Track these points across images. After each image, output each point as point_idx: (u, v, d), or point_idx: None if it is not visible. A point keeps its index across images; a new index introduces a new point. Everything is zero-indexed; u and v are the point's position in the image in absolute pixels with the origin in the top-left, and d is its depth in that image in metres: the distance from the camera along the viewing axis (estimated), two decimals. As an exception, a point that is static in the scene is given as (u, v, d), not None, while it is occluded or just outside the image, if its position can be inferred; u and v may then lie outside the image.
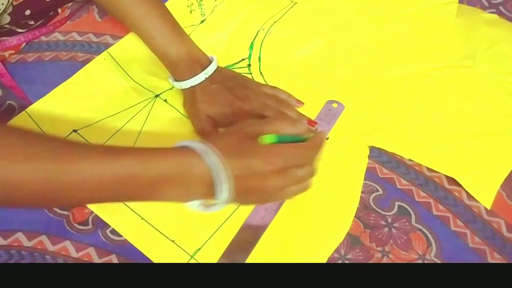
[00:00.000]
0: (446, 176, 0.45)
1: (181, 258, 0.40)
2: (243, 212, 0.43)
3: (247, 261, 0.40)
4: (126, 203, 0.43)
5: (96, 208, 0.43)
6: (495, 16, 0.60)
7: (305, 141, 0.40)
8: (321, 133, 0.41)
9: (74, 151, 0.34)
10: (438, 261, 0.40)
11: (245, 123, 0.40)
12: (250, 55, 0.56)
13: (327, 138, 0.48)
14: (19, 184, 0.31)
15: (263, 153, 0.37)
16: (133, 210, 0.43)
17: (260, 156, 0.36)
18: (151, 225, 0.42)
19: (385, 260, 0.41)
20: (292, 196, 0.39)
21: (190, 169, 0.35)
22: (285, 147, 0.38)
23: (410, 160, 0.47)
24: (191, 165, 0.35)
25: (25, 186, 0.31)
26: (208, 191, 0.36)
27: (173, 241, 0.41)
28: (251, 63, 0.56)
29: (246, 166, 0.36)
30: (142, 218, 0.42)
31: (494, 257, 0.41)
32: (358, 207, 0.43)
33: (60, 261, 0.41)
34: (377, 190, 0.45)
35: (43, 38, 0.58)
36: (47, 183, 0.32)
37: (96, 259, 0.41)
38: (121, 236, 0.42)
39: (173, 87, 0.50)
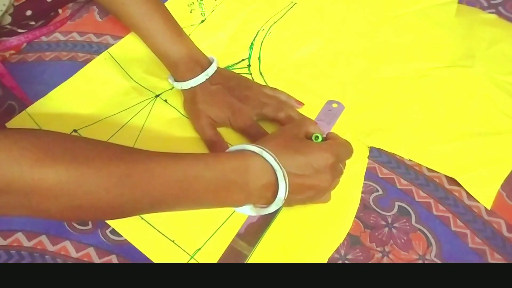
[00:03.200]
0: (446, 176, 0.45)
1: (181, 258, 0.40)
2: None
3: (247, 261, 0.40)
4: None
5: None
6: (494, 16, 0.60)
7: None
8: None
9: (138, 154, 0.34)
10: (438, 261, 0.40)
11: (290, 126, 0.41)
12: (250, 55, 0.56)
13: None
14: (88, 189, 0.31)
15: (318, 150, 0.38)
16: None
17: (316, 152, 0.38)
18: (151, 225, 0.42)
19: (385, 260, 0.41)
20: (331, 191, 0.41)
21: (248, 170, 0.36)
22: (331, 144, 0.39)
23: (410, 160, 0.47)
24: (249, 166, 0.36)
25: (96, 190, 0.31)
26: (263, 193, 0.37)
27: (173, 241, 0.41)
28: (251, 64, 0.56)
29: (303, 163, 0.37)
30: (142, 218, 0.42)
31: (494, 257, 0.41)
32: (358, 207, 0.43)
33: (60, 261, 0.41)
34: (377, 190, 0.45)
35: (44, 38, 0.58)
36: (118, 184, 0.32)
37: (96, 259, 0.41)
38: (121, 236, 0.42)
39: (173, 87, 0.51)
